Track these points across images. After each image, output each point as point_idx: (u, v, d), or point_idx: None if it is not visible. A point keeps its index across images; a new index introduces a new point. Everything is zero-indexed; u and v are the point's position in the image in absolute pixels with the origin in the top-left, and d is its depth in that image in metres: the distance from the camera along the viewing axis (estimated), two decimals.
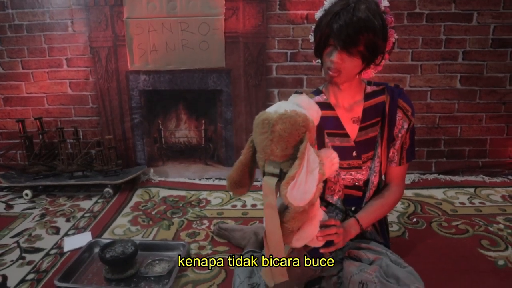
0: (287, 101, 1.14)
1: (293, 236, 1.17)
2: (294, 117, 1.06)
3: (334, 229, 1.29)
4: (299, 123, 1.06)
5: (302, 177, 1.05)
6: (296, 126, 1.06)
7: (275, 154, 1.08)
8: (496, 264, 1.70)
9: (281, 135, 1.05)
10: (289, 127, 1.05)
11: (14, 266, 1.77)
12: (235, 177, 1.21)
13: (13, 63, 2.61)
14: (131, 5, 2.46)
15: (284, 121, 1.05)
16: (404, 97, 1.48)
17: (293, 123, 1.05)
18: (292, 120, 1.05)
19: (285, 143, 1.06)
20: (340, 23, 1.23)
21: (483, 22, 2.40)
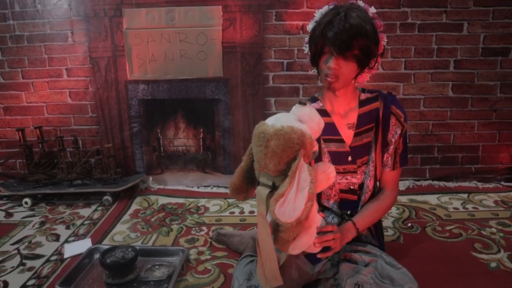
0: (289, 113, 1.17)
1: (289, 245, 1.20)
2: (289, 133, 1.07)
3: (331, 235, 1.32)
4: (293, 140, 1.08)
5: (292, 195, 1.07)
6: (290, 144, 1.08)
7: (268, 168, 1.11)
8: (489, 266, 1.74)
9: (275, 151, 1.08)
10: (282, 144, 1.07)
11: (14, 273, 1.78)
12: (236, 183, 1.25)
13: (13, 73, 2.66)
14: (130, 16, 2.51)
15: (279, 137, 1.07)
16: (396, 103, 1.53)
17: (287, 140, 1.07)
18: (287, 137, 1.07)
19: (278, 159, 1.09)
20: (335, 31, 1.29)
21: (473, 32, 2.47)
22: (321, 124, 1.18)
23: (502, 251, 1.85)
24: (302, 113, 1.15)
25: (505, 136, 2.62)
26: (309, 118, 1.15)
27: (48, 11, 2.54)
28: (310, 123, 1.15)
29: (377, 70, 2.44)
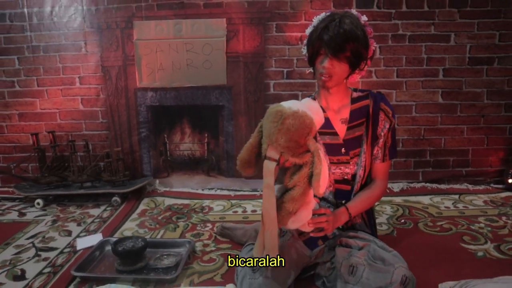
0: (300, 102, 1.32)
1: (289, 218, 1.33)
2: (304, 117, 1.22)
3: (325, 217, 1.45)
4: (306, 123, 1.23)
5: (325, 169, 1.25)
6: (304, 126, 1.22)
7: (278, 142, 1.25)
8: (476, 255, 1.85)
9: (289, 129, 1.21)
10: (297, 124, 1.21)
11: (30, 262, 1.90)
12: (245, 157, 1.36)
13: (29, 81, 2.82)
14: (140, 28, 2.69)
15: (295, 117, 1.21)
16: (385, 101, 1.69)
17: (301, 122, 1.22)
18: (301, 119, 1.22)
19: (290, 136, 1.22)
20: (330, 34, 1.46)
21: (460, 43, 2.65)
22: (322, 120, 1.33)
23: (489, 242, 1.97)
24: (311, 106, 1.30)
25: (493, 140, 2.77)
26: (316, 111, 1.30)
27: (63, 23, 2.72)
28: (316, 116, 1.29)
29: (371, 78, 2.63)
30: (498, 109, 2.73)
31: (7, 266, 1.86)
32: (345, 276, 1.49)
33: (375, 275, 1.43)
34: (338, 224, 1.58)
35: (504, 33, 2.62)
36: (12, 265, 1.86)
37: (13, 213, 2.54)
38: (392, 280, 1.39)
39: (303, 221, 1.37)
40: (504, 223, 2.19)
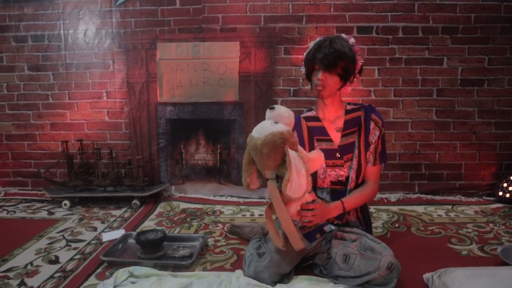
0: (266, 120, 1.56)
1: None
2: (272, 138, 1.47)
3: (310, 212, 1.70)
4: (277, 142, 1.47)
5: (295, 177, 1.48)
6: (276, 146, 1.47)
7: (269, 166, 1.53)
8: (461, 254, 2.05)
9: (268, 155, 1.48)
10: (271, 149, 1.47)
11: (63, 251, 2.14)
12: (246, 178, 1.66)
13: (61, 95, 3.13)
14: (163, 49, 3.01)
15: (267, 145, 1.47)
16: (375, 112, 1.95)
17: (273, 144, 1.47)
18: (271, 142, 1.47)
19: (272, 158, 1.50)
20: (323, 53, 1.77)
21: (452, 66, 2.90)
22: (291, 116, 1.57)
23: (474, 244, 2.17)
24: (273, 115, 1.56)
25: (485, 156, 2.98)
26: (280, 116, 1.55)
27: (94, 44, 3.05)
28: (282, 120, 1.55)
29: (370, 97, 2.88)
30: (488, 127, 2.95)
31: (42, 253, 2.10)
32: (340, 264, 1.71)
33: (365, 262, 1.66)
34: (329, 216, 1.83)
35: (493, 58, 2.88)
36: (46, 252, 2.10)
37: (43, 212, 2.80)
38: (380, 266, 1.62)
39: (291, 213, 1.63)
40: (490, 229, 2.38)
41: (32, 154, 3.23)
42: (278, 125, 1.51)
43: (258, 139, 1.48)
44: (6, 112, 3.19)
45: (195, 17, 2.98)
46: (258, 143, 1.47)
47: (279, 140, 1.47)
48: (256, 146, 1.48)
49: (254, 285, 1.68)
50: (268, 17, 2.94)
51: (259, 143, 1.47)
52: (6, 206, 2.93)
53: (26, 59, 3.12)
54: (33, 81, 3.14)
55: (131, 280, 1.75)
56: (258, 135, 1.49)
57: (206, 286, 1.67)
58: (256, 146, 1.48)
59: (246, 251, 1.89)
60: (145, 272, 1.78)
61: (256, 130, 1.52)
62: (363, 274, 1.64)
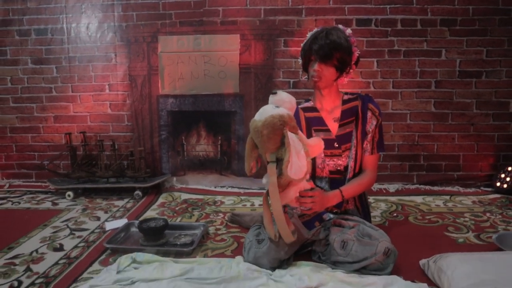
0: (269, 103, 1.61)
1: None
2: (272, 121, 1.52)
3: (310, 199, 1.73)
4: (276, 124, 1.52)
5: (294, 158, 1.52)
6: (276, 128, 1.52)
7: (270, 148, 1.57)
8: (457, 241, 2.09)
9: (268, 137, 1.53)
10: (271, 131, 1.52)
11: (67, 239, 2.19)
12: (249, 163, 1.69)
13: (64, 87, 3.17)
14: (164, 42, 3.04)
15: (267, 127, 1.52)
16: (372, 102, 1.98)
17: (273, 126, 1.52)
18: (271, 124, 1.51)
19: (272, 140, 1.54)
20: (319, 44, 1.80)
21: (451, 57, 2.93)
22: (292, 101, 1.63)
23: (471, 232, 2.20)
24: (275, 100, 1.61)
25: (483, 147, 3.01)
26: (281, 101, 1.60)
27: (97, 37, 3.09)
28: (284, 104, 1.60)
29: (369, 89, 2.92)
30: (486, 118, 2.98)
31: (47, 241, 2.15)
32: (338, 250, 1.76)
33: (362, 248, 1.70)
34: (328, 204, 1.86)
35: (491, 50, 2.91)
36: (51, 240, 2.15)
37: (47, 203, 2.85)
38: (377, 251, 1.66)
39: (290, 198, 1.66)
40: (487, 218, 2.41)
41: (36, 147, 3.28)
42: (279, 109, 1.56)
43: (259, 121, 1.53)
44: (10, 105, 3.24)
45: (195, 10, 3.01)
46: (259, 125, 1.52)
47: (278, 122, 1.51)
48: (257, 128, 1.53)
49: (253, 270, 1.72)
50: (268, 10, 2.97)
51: (260, 125, 1.52)
52: (10, 197, 2.98)
53: (30, 52, 3.16)
54: (36, 74, 3.18)
55: (134, 266, 1.79)
56: (260, 117, 1.54)
57: (207, 271, 1.72)
58: (257, 128, 1.53)
59: (246, 238, 1.93)
60: (147, 258, 1.83)
61: (258, 113, 1.58)
62: (360, 259, 1.69)
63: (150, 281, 1.66)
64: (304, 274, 1.68)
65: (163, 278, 1.67)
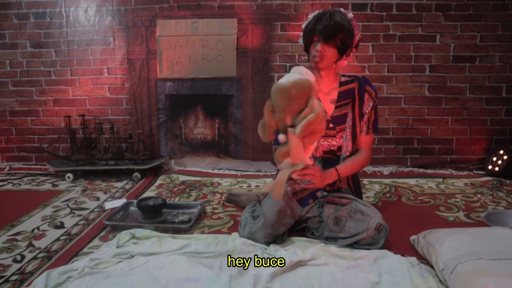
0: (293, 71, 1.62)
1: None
2: (302, 82, 1.52)
3: (311, 170, 1.76)
4: (306, 85, 1.52)
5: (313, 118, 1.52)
6: (305, 89, 1.52)
7: (293, 110, 1.54)
8: (447, 220, 2.15)
9: (296, 96, 1.51)
10: (300, 90, 1.51)
11: (67, 217, 2.24)
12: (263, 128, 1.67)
13: (63, 71, 3.21)
14: (162, 26, 3.07)
15: (296, 86, 1.51)
16: (369, 84, 2.02)
17: (302, 87, 1.51)
18: (301, 85, 1.51)
19: (299, 101, 1.53)
20: (323, 24, 1.82)
21: (445, 42, 2.97)
22: (313, 77, 1.64)
23: (461, 211, 2.27)
24: (300, 70, 1.61)
25: (476, 131, 3.07)
26: (307, 73, 1.62)
27: (95, 21, 3.11)
28: (308, 75, 1.62)
29: (365, 73, 2.95)
30: (479, 103, 3.03)
31: (48, 219, 2.20)
32: (331, 226, 1.82)
33: (355, 224, 1.76)
34: (326, 182, 1.90)
35: (485, 35, 2.95)
36: (52, 219, 2.21)
37: (47, 185, 2.90)
38: (368, 226, 1.72)
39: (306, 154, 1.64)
40: (478, 199, 2.47)
41: (36, 130, 3.32)
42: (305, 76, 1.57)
43: (288, 82, 1.51)
44: (10, 89, 3.27)
45: None
46: (287, 85, 1.50)
47: (307, 83, 1.52)
48: (285, 88, 1.50)
49: (249, 244, 1.78)
50: None
51: (288, 85, 1.50)
52: (11, 179, 3.02)
53: (29, 36, 3.18)
54: (35, 58, 3.21)
55: (133, 241, 1.85)
56: (287, 79, 1.53)
57: (203, 246, 1.77)
58: (285, 88, 1.50)
59: (242, 215, 1.99)
60: (146, 234, 1.88)
61: (285, 77, 1.56)
62: (352, 234, 1.75)
63: (149, 254, 1.71)
64: (298, 249, 1.74)
65: (161, 252, 1.73)
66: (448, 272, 1.44)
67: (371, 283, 1.49)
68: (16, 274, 1.61)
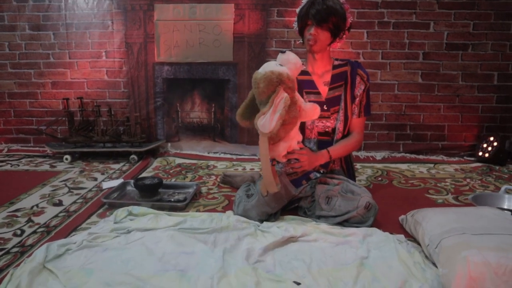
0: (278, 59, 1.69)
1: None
2: (270, 76, 1.60)
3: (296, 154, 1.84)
4: (273, 79, 1.60)
5: (269, 114, 1.60)
6: (271, 83, 1.60)
7: (263, 102, 1.64)
8: (436, 202, 2.22)
9: (263, 90, 1.61)
10: (266, 85, 1.60)
11: (66, 196, 2.29)
12: (240, 112, 1.78)
13: (62, 54, 3.23)
14: (160, 10, 3.10)
15: (264, 79, 1.60)
16: (361, 67, 2.07)
17: (268, 81, 1.60)
18: (268, 79, 1.59)
19: (266, 94, 1.62)
20: (316, 8, 1.88)
21: (439, 30, 3.02)
22: (297, 64, 1.70)
23: (450, 194, 2.34)
24: (281, 60, 1.69)
25: (467, 118, 3.13)
26: (287, 61, 1.68)
27: (94, 4, 3.13)
28: (288, 65, 1.68)
29: (359, 59, 3.00)
30: (471, 90, 3.09)
31: (47, 197, 2.25)
32: (322, 205, 1.88)
33: (345, 203, 1.82)
34: (317, 163, 1.97)
35: (478, 23, 2.99)
36: (51, 197, 2.26)
37: (45, 166, 2.94)
38: (358, 205, 1.78)
39: (278, 152, 1.75)
40: (467, 183, 2.54)
41: (34, 112, 3.36)
42: (282, 67, 1.64)
43: (259, 73, 1.62)
44: (8, 71, 3.30)
45: None
46: (258, 77, 1.61)
47: (275, 79, 1.59)
48: (255, 79, 1.62)
49: (242, 221, 1.83)
50: None
51: (259, 77, 1.61)
52: (9, 160, 3.07)
53: (27, 18, 3.20)
54: (34, 40, 3.23)
55: (130, 218, 1.90)
56: (261, 71, 1.63)
57: (198, 223, 1.83)
58: (255, 79, 1.62)
59: (236, 194, 2.05)
60: (143, 211, 1.94)
61: (262, 67, 1.66)
62: (343, 213, 1.81)
63: (145, 230, 1.77)
64: (290, 226, 1.80)
65: (157, 228, 1.78)
66: (433, 247, 1.50)
67: (359, 257, 1.55)
68: (17, 246, 1.66)
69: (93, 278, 1.40)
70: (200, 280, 1.39)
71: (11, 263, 1.53)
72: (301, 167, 1.90)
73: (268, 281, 1.40)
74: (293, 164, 1.89)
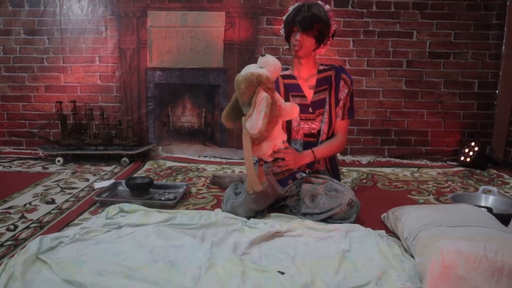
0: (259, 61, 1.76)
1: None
2: (250, 77, 1.67)
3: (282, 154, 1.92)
4: (252, 81, 1.67)
5: (254, 115, 1.68)
6: (251, 84, 1.67)
7: (244, 102, 1.72)
8: (418, 202, 2.30)
9: (244, 91, 1.68)
10: (246, 86, 1.67)
11: (58, 195, 2.34)
12: (225, 114, 1.86)
13: (56, 58, 3.29)
14: (153, 17, 3.19)
15: (244, 81, 1.68)
16: (345, 72, 2.17)
17: (249, 82, 1.67)
18: (248, 80, 1.67)
19: (247, 95, 1.69)
20: (302, 15, 1.97)
21: (421, 39, 3.14)
22: (276, 65, 1.77)
23: (431, 195, 2.42)
24: (261, 62, 1.77)
25: (449, 124, 3.24)
26: (266, 63, 1.76)
27: (89, 10, 3.21)
28: (268, 67, 1.76)
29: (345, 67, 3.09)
30: (453, 97, 3.21)
31: (40, 196, 2.30)
32: (307, 203, 1.95)
33: (329, 201, 1.90)
34: (302, 162, 2.05)
35: (459, 33, 3.12)
36: (43, 196, 2.30)
37: (38, 167, 2.98)
38: (341, 202, 1.86)
39: (263, 151, 1.82)
40: (448, 185, 2.63)
41: (27, 115, 3.40)
42: (261, 69, 1.72)
43: (240, 75, 1.70)
44: (2, 74, 3.35)
45: None
46: (239, 79, 1.69)
47: (254, 80, 1.67)
48: (237, 81, 1.69)
49: (230, 217, 1.90)
50: None
51: (240, 79, 1.68)
52: (1, 162, 3.10)
53: (23, 23, 3.27)
54: (28, 44, 3.29)
55: (121, 215, 1.95)
56: (243, 73, 1.71)
57: (188, 219, 1.89)
58: (237, 81, 1.69)
59: (225, 192, 2.12)
60: (133, 208, 1.99)
61: (243, 69, 1.74)
62: (327, 210, 1.88)
63: (136, 225, 1.82)
64: (276, 222, 1.86)
65: (148, 224, 1.84)
66: (411, 239, 1.58)
67: (341, 251, 1.62)
68: (10, 240, 1.71)
69: (85, 268, 1.45)
70: (189, 270, 1.45)
71: (5, 254, 1.57)
72: (286, 166, 1.98)
73: (253, 271, 1.46)
74: (279, 163, 1.97)
